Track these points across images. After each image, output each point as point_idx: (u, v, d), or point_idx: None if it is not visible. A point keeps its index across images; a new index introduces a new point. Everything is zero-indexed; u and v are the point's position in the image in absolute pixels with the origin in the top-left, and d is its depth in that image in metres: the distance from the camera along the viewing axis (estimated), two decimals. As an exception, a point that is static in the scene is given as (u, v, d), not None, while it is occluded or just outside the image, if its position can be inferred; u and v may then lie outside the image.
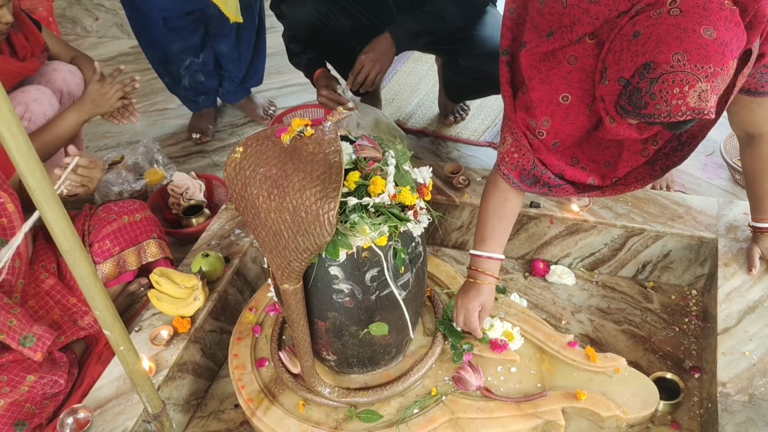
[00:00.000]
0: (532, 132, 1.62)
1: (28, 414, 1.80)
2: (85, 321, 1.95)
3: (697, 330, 1.95)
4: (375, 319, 1.48)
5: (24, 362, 1.81)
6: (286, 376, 1.66)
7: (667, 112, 1.34)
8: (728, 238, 1.94)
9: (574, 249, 2.15)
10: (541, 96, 1.57)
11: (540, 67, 1.57)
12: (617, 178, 1.76)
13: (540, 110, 1.58)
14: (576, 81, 1.54)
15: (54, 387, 1.84)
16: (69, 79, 2.45)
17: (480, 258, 1.76)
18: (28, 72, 2.33)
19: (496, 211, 1.77)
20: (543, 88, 1.57)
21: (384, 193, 1.32)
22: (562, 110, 1.57)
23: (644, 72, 1.35)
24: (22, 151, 0.92)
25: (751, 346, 1.65)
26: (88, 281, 1.09)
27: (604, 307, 2.05)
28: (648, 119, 1.39)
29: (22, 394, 1.78)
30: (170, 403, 1.76)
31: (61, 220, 1.01)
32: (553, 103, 1.57)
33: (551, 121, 1.59)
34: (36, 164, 0.94)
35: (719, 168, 2.57)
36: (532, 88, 1.58)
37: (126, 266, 2.07)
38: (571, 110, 1.57)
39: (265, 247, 1.33)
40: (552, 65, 1.55)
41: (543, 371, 1.68)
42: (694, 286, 2.07)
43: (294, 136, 1.29)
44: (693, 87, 1.31)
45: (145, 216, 2.14)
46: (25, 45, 2.29)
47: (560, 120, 1.59)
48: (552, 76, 1.55)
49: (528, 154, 1.64)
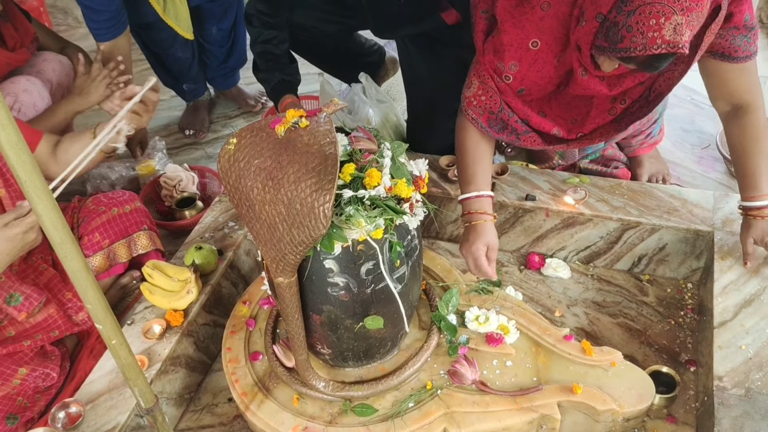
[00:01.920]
0: (499, 75, 1.67)
1: (20, 407, 1.78)
2: (79, 317, 1.93)
3: (693, 323, 1.94)
4: (370, 313, 1.47)
5: (16, 355, 1.80)
6: (281, 369, 1.65)
7: (643, 44, 1.39)
8: (724, 231, 1.93)
9: (570, 242, 2.14)
10: (511, 39, 1.61)
11: (514, 12, 1.60)
12: (582, 134, 1.79)
13: (509, 54, 1.62)
14: (547, 27, 1.58)
15: (46, 380, 1.82)
16: (59, 70, 2.43)
17: (470, 200, 1.78)
18: (18, 63, 2.31)
19: (474, 153, 1.79)
20: (514, 32, 1.61)
21: (380, 186, 1.30)
22: (531, 56, 1.61)
23: (621, 5, 1.40)
24: (12, 143, 0.90)
25: (747, 339, 1.64)
26: (79, 275, 1.07)
27: (599, 301, 2.04)
28: (624, 53, 1.43)
29: (14, 387, 1.76)
30: (163, 396, 1.74)
31: (52, 212, 0.99)
32: (522, 48, 1.60)
33: (518, 66, 1.62)
34: (27, 156, 0.92)
35: (715, 161, 2.57)
36: (503, 30, 1.62)
37: (116, 259, 2.05)
38: (539, 57, 1.60)
39: (260, 240, 1.32)
40: (526, 10, 1.59)
41: (539, 365, 1.67)
42: (689, 279, 2.07)
43: (289, 127, 1.27)
44: (669, 19, 1.36)
45: (134, 207, 2.12)
46: (14, 35, 2.27)
47: (527, 66, 1.62)
48: (524, 21, 1.59)
49: (495, 96, 1.68)
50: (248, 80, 3.16)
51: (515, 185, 2.16)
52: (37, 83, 2.32)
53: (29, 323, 1.85)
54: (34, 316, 1.85)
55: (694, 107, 2.84)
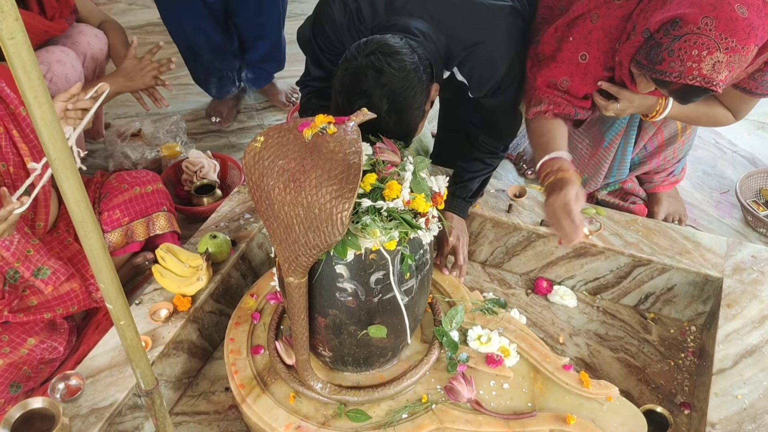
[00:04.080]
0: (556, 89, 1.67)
1: (24, 376, 1.81)
2: (99, 294, 1.94)
3: (692, 366, 1.95)
4: (375, 321, 1.48)
5: (26, 324, 1.83)
6: (280, 366, 1.67)
7: (679, 72, 1.40)
8: (734, 279, 1.93)
9: (579, 272, 2.15)
10: (563, 56, 1.62)
11: (565, 28, 1.62)
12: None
13: (560, 70, 1.64)
14: (594, 41, 1.59)
15: (53, 353, 1.85)
16: (94, 43, 2.46)
17: (551, 161, 1.69)
18: (55, 32, 2.34)
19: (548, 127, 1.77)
20: (566, 47, 1.62)
21: (398, 199, 1.32)
22: (581, 69, 1.62)
23: (670, 28, 1.40)
24: (46, 120, 0.92)
25: (744, 389, 1.65)
26: (96, 254, 1.09)
27: (602, 333, 2.05)
28: (659, 75, 1.44)
29: (21, 357, 1.79)
30: (162, 379, 1.77)
31: (77, 191, 1.01)
32: (572, 63, 1.62)
33: (570, 81, 1.63)
34: (59, 134, 0.94)
35: (732, 207, 2.57)
36: (558, 48, 1.61)
37: (134, 237, 2.08)
38: (588, 70, 1.62)
39: (275, 238, 1.34)
40: (578, 23, 1.60)
41: (535, 391, 1.68)
42: (694, 322, 2.07)
43: (316, 132, 1.29)
44: (711, 54, 1.37)
45: (156, 188, 2.15)
46: (54, 5, 2.30)
47: (579, 80, 1.64)
48: (575, 33, 1.61)
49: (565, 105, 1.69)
50: (280, 74, 3.19)
51: (532, 209, 2.17)
52: (71, 54, 2.34)
53: (51, 295, 1.88)
54: (57, 288, 1.88)
55: (718, 150, 2.84)
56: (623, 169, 2.30)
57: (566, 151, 1.73)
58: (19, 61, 0.83)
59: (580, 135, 2.29)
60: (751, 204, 2.47)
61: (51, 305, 1.87)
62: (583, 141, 2.29)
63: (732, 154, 2.83)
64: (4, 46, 0.81)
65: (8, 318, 1.79)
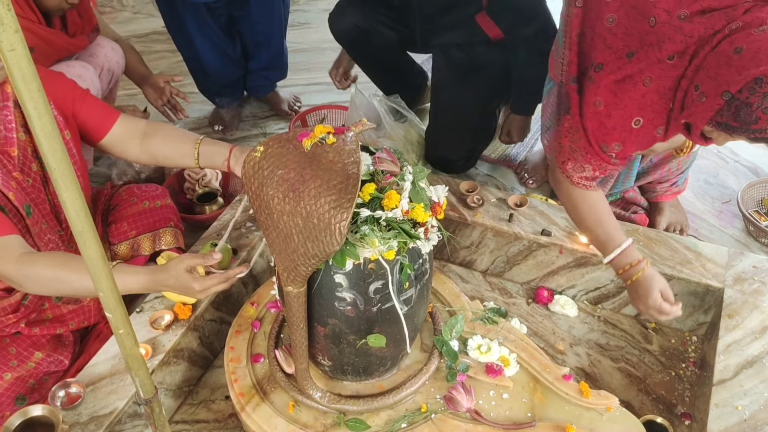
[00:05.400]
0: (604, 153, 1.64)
1: (29, 389, 1.82)
2: None
3: (693, 377, 1.94)
4: (374, 331, 1.49)
5: (32, 337, 1.84)
6: (280, 375, 1.67)
7: None
8: (734, 289, 1.93)
9: (580, 281, 2.15)
10: (615, 123, 1.57)
11: (616, 91, 1.56)
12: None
13: (612, 137, 1.58)
14: (648, 104, 1.53)
15: (58, 366, 1.86)
16: (110, 56, 2.51)
17: (619, 257, 1.76)
18: (76, 49, 2.39)
19: (597, 213, 1.77)
20: (617, 114, 1.57)
21: (397, 208, 1.33)
22: (633, 134, 1.58)
23: (755, 86, 1.35)
24: (46, 131, 0.93)
25: (744, 401, 1.64)
26: (95, 263, 1.10)
27: (603, 343, 2.05)
28: (758, 134, 1.40)
29: (29, 370, 1.81)
30: (162, 387, 1.77)
31: (77, 201, 1.02)
32: (625, 130, 1.57)
33: (622, 146, 1.59)
34: (58, 145, 0.95)
35: (734, 217, 2.56)
36: (607, 114, 1.57)
37: (139, 250, 2.10)
38: (641, 133, 1.57)
39: (274, 248, 1.34)
40: (627, 87, 1.55)
41: (535, 401, 1.68)
42: (695, 332, 2.07)
43: (315, 142, 1.30)
44: None
45: (165, 203, 2.18)
46: (77, 21, 2.35)
47: (631, 144, 1.60)
48: (626, 100, 1.55)
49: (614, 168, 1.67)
50: (283, 83, 3.20)
51: (532, 218, 2.17)
52: (91, 71, 2.40)
53: (67, 308, 1.90)
54: (74, 302, 1.91)
55: (720, 160, 2.84)
56: (629, 180, 2.29)
57: (625, 236, 1.78)
58: (19, 72, 0.84)
59: None
60: (752, 214, 2.47)
61: (66, 319, 1.90)
62: None
63: (734, 163, 2.83)
64: (4, 57, 0.82)
65: (22, 330, 1.81)
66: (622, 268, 1.78)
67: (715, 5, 1.43)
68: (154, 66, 3.51)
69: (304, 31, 3.95)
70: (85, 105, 1.82)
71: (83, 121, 1.82)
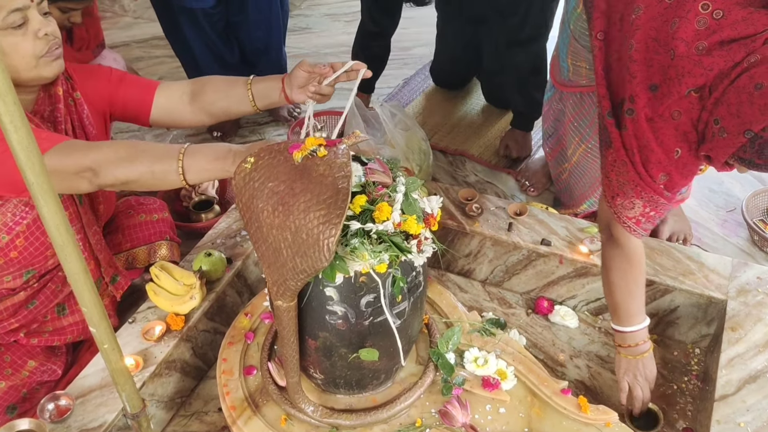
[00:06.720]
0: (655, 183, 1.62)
1: (21, 398, 1.81)
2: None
3: (696, 390, 1.90)
4: (366, 344, 1.46)
5: (26, 347, 1.83)
6: (272, 387, 1.64)
7: None
8: (738, 302, 1.89)
9: (581, 292, 2.11)
10: (659, 158, 1.57)
11: (654, 126, 1.56)
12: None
13: (657, 169, 1.58)
14: (682, 134, 1.53)
15: (51, 375, 1.85)
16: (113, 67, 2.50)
17: (634, 333, 1.77)
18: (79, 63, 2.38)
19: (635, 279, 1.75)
20: (659, 150, 1.57)
21: (388, 221, 1.30)
22: (675, 164, 1.57)
23: None
24: (23, 144, 0.91)
25: (747, 417, 1.61)
26: (77, 278, 1.08)
27: (603, 355, 2.01)
28: None
29: (22, 379, 1.80)
30: (154, 399, 1.75)
31: (56, 216, 1.00)
32: (669, 163, 1.57)
33: (668, 177, 1.58)
34: (36, 158, 0.93)
35: (738, 226, 2.52)
36: (650, 149, 1.56)
37: (134, 263, 2.09)
38: (680, 161, 1.57)
39: (264, 261, 1.32)
40: (660, 125, 1.54)
41: (532, 415, 1.64)
42: (698, 344, 2.03)
43: (306, 154, 1.27)
44: None
45: (162, 217, 2.17)
46: (83, 37, 2.36)
47: (677, 174, 1.59)
48: (662, 135, 1.55)
49: (665, 205, 1.64)
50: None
51: (532, 228, 2.14)
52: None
53: (67, 321, 1.91)
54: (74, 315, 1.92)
55: (725, 168, 2.81)
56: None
57: (644, 316, 1.78)
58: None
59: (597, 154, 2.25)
60: (757, 223, 2.43)
61: (65, 332, 1.90)
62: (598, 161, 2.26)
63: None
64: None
65: (20, 340, 1.80)
66: (631, 343, 1.77)
67: (734, 35, 1.41)
68: (154, 71, 3.50)
69: (305, 36, 3.93)
70: (123, 85, 1.80)
71: (125, 102, 1.80)
